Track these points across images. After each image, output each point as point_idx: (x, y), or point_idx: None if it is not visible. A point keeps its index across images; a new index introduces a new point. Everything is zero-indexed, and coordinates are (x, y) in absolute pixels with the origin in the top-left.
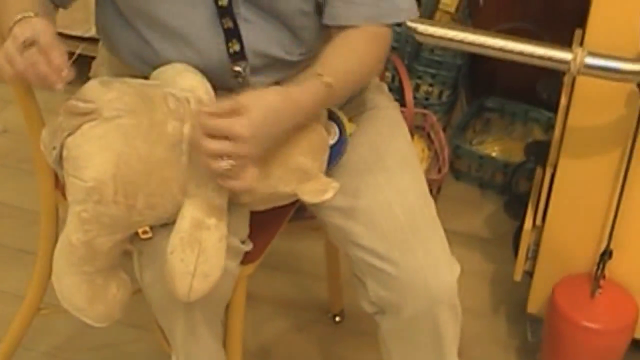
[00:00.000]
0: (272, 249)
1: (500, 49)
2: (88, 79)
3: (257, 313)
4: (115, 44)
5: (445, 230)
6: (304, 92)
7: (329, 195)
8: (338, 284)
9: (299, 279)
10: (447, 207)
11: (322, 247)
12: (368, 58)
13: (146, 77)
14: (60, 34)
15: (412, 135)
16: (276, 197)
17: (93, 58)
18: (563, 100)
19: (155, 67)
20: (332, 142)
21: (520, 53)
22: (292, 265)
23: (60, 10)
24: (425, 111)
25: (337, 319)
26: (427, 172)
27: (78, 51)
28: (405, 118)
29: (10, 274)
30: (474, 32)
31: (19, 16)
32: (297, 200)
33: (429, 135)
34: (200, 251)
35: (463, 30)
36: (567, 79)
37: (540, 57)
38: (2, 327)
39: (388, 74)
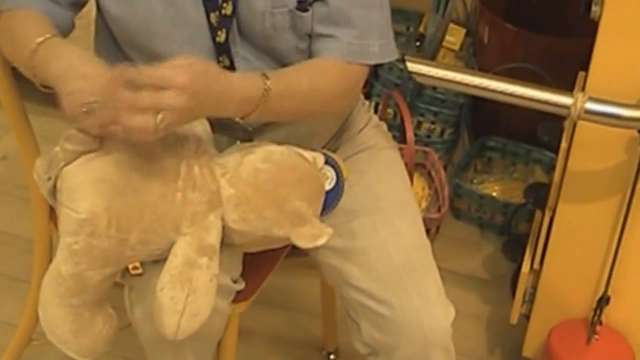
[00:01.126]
0: (267, 285)
1: (499, 92)
2: None
3: (250, 350)
4: None
5: (443, 270)
6: (241, 80)
7: (322, 241)
8: (333, 321)
9: (294, 316)
10: (446, 247)
11: (317, 284)
12: (327, 83)
13: None
14: None
15: (412, 173)
16: (269, 240)
17: None
18: (563, 144)
19: None
20: (328, 187)
21: (520, 96)
22: (287, 301)
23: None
24: (427, 149)
25: (332, 357)
26: (427, 210)
27: None
28: (406, 155)
29: (4, 302)
30: (473, 74)
31: (41, 38)
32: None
33: (429, 174)
34: (191, 290)
35: (462, 71)
36: (567, 124)
37: (540, 101)
38: None
39: (390, 111)
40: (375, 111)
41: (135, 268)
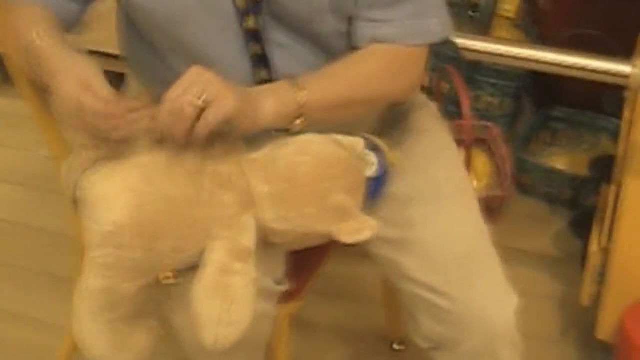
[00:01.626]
0: (328, 275)
1: (554, 64)
2: None
3: (312, 344)
4: (141, 73)
5: (511, 249)
6: (268, 98)
7: (366, 235)
8: (397, 310)
9: (356, 306)
10: (513, 225)
11: (378, 272)
12: (370, 70)
13: None
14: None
15: (470, 149)
16: (311, 237)
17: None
18: (626, 115)
19: None
20: (371, 174)
21: (575, 67)
22: (348, 291)
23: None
24: (487, 123)
25: (397, 347)
26: (489, 188)
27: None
28: (464, 131)
29: (60, 304)
30: (527, 46)
31: (33, 34)
32: None
33: (490, 149)
34: (227, 298)
35: (515, 44)
36: (629, 93)
37: (597, 72)
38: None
39: (446, 85)
40: (430, 86)
41: (166, 278)
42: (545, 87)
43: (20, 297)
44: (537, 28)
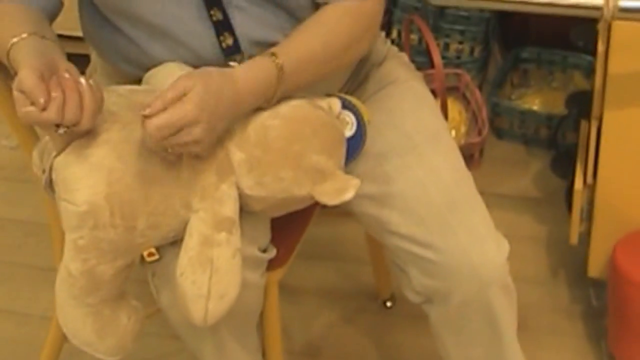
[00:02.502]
0: (310, 237)
1: (520, 2)
2: None
3: (301, 308)
4: (103, 48)
5: (493, 195)
6: (248, 72)
7: (349, 195)
8: (384, 267)
9: (343, 266)
10: (493, 169)
11: (362, 230)
12: (340, 37)
13: (140, 81)
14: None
15: (445, 98)
16: (291, 202)
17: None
18: (600, 48)
19: (147, 69)
20: (349, 134)
21: (544, 3)
22: (333, 252)
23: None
24: (458, 70)
25: (388, 304)
26: (467, 135)
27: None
28: (435, 80)
29: (41, 295)
30: None
31: (15, 39)
32: None
33: (464, 96)
34: (213, 270)
35: None
36: (601, 25)
37: (567, 6)
38: (34, 352)
39: (414, 37)
40: (399, 38)
41: (150, 255)
42: (512, 28)
43: (1, 291)
44: None
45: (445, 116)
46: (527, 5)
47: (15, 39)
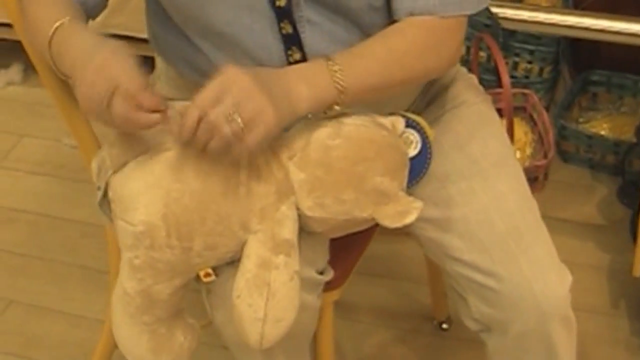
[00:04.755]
0: (367, 253)
1: (595, 30)
2: None
3: (355, 326)
4: (169, 54)
5: (556, 219)
6: (297, 66)
7: (411, 218)
8: (442, 288)
9: (399, 285)
10: (557, 194)
11: (420, 249)
12: (408, 44)
13: None
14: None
15: (511, 118)
16: (352, 224)
17: None
18: None
19: None
20: (413, 153)
21: (619, 32)
22: (391, 270)
23: (127, 12)
24: (526, 91)
25: (444, 326)
26: (532, 157)
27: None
28: (503, 100)
29: (95, 298)
30: (566, 13)
31: (57, 24)
32: None
33: (531, 117)
34: (270, 294)
35: (553, 11)
36: None
37: (637, 35)
38: (85, 355)
39: (482, 54)
40: (467, 55)
41: (207, 275)
42: (583, 50)
43: (54, 291)
44: None
45: (511, 137)
46: (599, 33)
47: (56, 24)
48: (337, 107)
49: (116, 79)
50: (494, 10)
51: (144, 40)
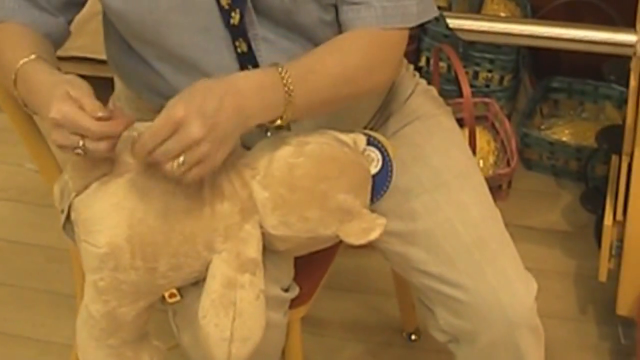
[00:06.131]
0: (334, 268)
1: (553, 38)
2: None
3: (324, 341)
4: (128, 77)
5: (521, 227)
6: (249, 74)
7: (375, 234)
8: (410, 299)
9: (367, 299)
10: (521, 202)
11: (387, 262)
12: (356, 57)
13: None
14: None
15: (473, 128)
16: (316, 242)
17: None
18: (633, 83)
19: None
20: (375, 171)
21: (576, 40)
22: (358, 284)
23: (87, 34)
24: (487, 99)
25: (413, 337)
26: (495, 165)
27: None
28: (464, 110)
29: (63, 323)
30: (523, 22)
31: (25, 59)
32: None
33: (493, 125)
34: (236, 314)
35: (510, 21)
36: (634, 62)
37: (600, 43)
38: None
39: (443, 64)
40: (427, 66)
41: (172, 295)
42: (543, 58)
43: (23, 317)
44: None
45: (473, 146)
46: (559, 42)
47: (20, 62)
48: (278, 122)
49: (77, 128)
50: (451, 22)
51: (104, 62)
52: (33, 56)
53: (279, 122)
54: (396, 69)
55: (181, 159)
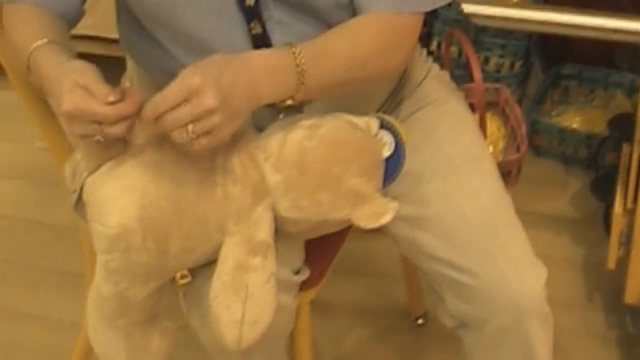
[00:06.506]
0: (343, 252)
1: (569, 25)
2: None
3: (332, 324)
4: (140, 57)
5: (529, 213)
6: (262, 53)
7: (387, 218)
8: (417, 284)
9: (375, 283)
10: (530, 188)
11: (396, 247)
12: (368, 41)
13: None
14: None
15: (484, 114)
16: (328, 225)
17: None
18: None
19: None
20: (387, 154)
21: (592, 27)
22: (366, 267)
23: (98, 13)
24: (498, 85)
25: (420, 321)
26: (505, 151)
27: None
28: (474, 95)
29: (70, 302)
30: (538, 8)
31: (35, 44)
32: None
33: (503, 111)
34: (247, 296)
35: (524, 7)
36: None
37: (616, 31)
38: (62, 359)
39: (454, 49)
40: (438, 51)
41: (183, 277)
42: (554, 44)
43: (29, 295)
44: None
45: (484, 132)
46: (575, 29)
47: (33, 45)
48: (289, 101)
49: (88, 115)
50: (465, 7)
51: (115, 41)
52: (44, 40)
53: (289, 101)
54: (409, 53)
55: (190, 127)
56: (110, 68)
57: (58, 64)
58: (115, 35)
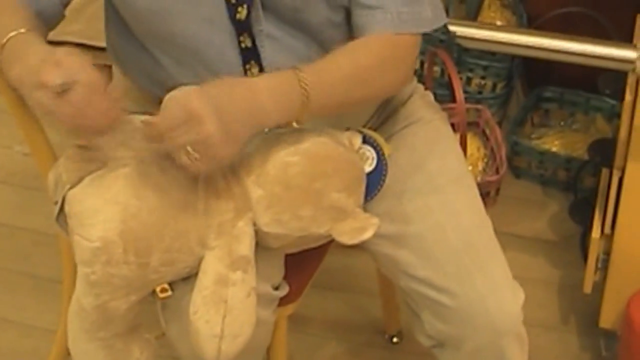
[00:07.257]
0: (321, 267)
1: (553, 50)
2: None
3: (307, 338)
4: (127, 66)
5: (507, 234)
6: (265, 76)
7: (368, 234)
8: (393, 301)
9: (352, 298)
10: (508, 209)
11: (373, 263)
12: (370, 58)
13: None
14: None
15: (464, 133)
16: (309, 240)
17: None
18: (628, 97)
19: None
20: (369, 169)
21: (575, 53)
22: (343, 283)
23: (84, 19)
24: (479, 106)
25: (395, 339)
26: (484, 172)
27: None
28: (456, 115)
29: (46, 308)
30: (526, 33)
31: (12, 33)
32: None
33: (484, 132)
34: (227, 310)
35: (512, 31)
36: (631, 78)
37: (599, 57)
38: None
39: (436, 69)
40: (421, 70)
41: (163, 290)
42: (536, 67)
43: (6, 300)
44: (526, 7)
45: (464, 152)
46: (560, 54)
47: (13, 33)
48: (294, 124)
49: (76, 73)
50: (451, 28)
51: (102, 49)
52: (23, 30)
53: (294, 124)
54: (409, 71)
55: (189, 148)
56: None
57: (47, 46)
58: (102, 43)
